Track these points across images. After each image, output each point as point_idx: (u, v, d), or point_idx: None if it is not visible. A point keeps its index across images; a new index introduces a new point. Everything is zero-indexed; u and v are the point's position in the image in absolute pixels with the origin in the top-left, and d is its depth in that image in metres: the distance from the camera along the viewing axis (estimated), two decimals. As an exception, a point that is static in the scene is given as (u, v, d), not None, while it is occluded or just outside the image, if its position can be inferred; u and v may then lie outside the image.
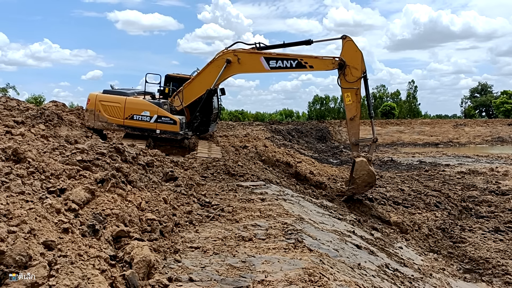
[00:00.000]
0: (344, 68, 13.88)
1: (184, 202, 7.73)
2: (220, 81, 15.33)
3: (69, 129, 14.32)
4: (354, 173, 13.70)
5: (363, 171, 13.49)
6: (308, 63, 14.39)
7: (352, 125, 14.27)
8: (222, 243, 5.75)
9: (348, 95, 14.04)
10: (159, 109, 14.77)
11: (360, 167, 13.52)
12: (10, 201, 4.40)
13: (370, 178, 13.49)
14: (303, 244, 5.77)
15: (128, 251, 4.57)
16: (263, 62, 14.59)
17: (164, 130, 14.73)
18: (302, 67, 14.56)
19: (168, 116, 14.68)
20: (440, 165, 24.82)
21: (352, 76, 13.93)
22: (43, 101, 51.41)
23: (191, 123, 15.75)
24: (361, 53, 14.00)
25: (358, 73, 13.91)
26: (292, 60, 14.44)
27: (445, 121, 56.29)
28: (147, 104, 14.98)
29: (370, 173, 13.50)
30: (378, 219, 12.06)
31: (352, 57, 13.89)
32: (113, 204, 5.58)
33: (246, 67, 15.14)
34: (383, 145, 42.59)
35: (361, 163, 13.61)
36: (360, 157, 13.87)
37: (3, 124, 11.75)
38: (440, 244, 11.09)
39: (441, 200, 14.98)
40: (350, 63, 13.87)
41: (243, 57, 14.89)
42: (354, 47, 13.91)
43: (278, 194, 9.81)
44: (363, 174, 13.47)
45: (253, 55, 14.85)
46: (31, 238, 3.92)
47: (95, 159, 6.95)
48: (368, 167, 13.53)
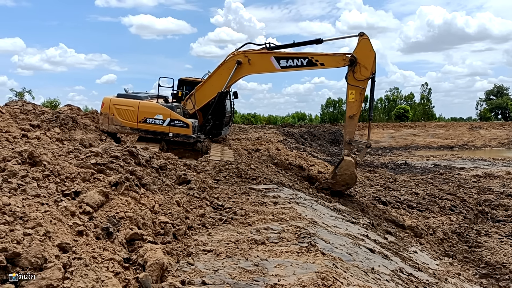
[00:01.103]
0: (354, 65, 13.76)
1: (197, 205, 7.75)
2: (231, 82, 15.32)
3: (84, 132, 14.49)
4: (338, 169, 14.07)
5: (347, 171, 13.86)
6: (319, 60, 14.32)
7: (350, 123, 14.27)
8: (234, 246, 5.75)
9: (352, 93, 13.96)
10: (172, 112, 14.88)
11: (345, 166, 13.88)
12: (26, 204, 4.47)
13: (351, 180, 13.95)
14: (316, 247, 5.74)
15: (141, 254, 4.60)
16: (274, 62, 14.58)
17: (177, 133, 14.83)
18: (313, 65, 14.46)
19: (181, 119, 14.79)
20: (455, 169, 24.52)
21: (361, 74, 13.79)
22: (58, 105, 52.10)
23: (204, 126, 15.79)
24: (375, 54, 13.90)
25: (367, 73, 13.77)
26: (303, 59, 14.37)
27: (460, 124, 55.62)
28: (160, 107, 15.11)
29: (353, 175, 13.89)
30: (392, 223, 11.94)
31: (365, 56, 13.77)
32: (126, 207, 5.63)
33: (256, 67, 15.11)
34: (397, 148, 42.23)
35: (348, 162, 13.92)
36: (350, 156, 14.08)
37: (20, 128, 11.94)
38: (455, 249, 10.93)
39: (456, 203, 14.79)
40: (361, 61, 13.74)
41: (253, 58, 14.88)
42: (369, 46, 13.79)
43: (291, 198, 9.77)
44: (345, 174, 13.89)
45: (263, 55, 14.82)
46: (47, 240, 3.97)
47: (109, 162, 7.01)
48: (353, 169, 13.86)
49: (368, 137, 15.13)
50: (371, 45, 13.84)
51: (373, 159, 32.03)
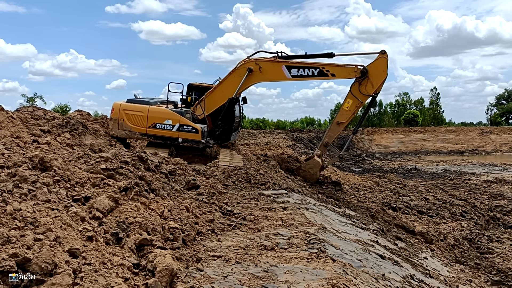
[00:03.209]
0: (364, 78, 13.84)
1: (206, 210, 7.74)
2: (242, 89, 15.39)
3: (94, 137, 14.59)
4: (304, 165, 14.97)
5: (311, 170, 14.71)
6: (330, 71, 14.39)
7: (334, 128, 14.62)
8: (244, 252, 5.72)
9: (349, 102, 14.15)
10: (181, 117, 14.95)
11: (311, 165, 14.73)
12: (37, 209, 4.49)
13: (310, 179, 14.77)
14: (326, 253, 5.70)
15: (151, 260, 4.59)
16: (285, 71, 14.67)
17: (186, 139, 14.87)
18: (324, 75, 14.60)
19: (190, 124, 14.83)
20: (466, 174, 24.28)
21: (365, 89, 13.91)
22: (68, 110, 52.59)
23: (213, 132, 15.82)
24: (386, 76, 13.95)
25: (371, 90, 13.88)
26: (314, 69, 14.47)
27: (470, 129, 55.09)
28: (169, 113, 15.16)
29: (314, 176, 14.76)
30: (402, 229, 11.83)
31: (377, 74, 13.83)
32: (136, 212, 5.64)
33: (267, 75, 15.21)
34: (406, 153, 41.94)
35: (315, 163, 14.66)
36: (320, 158, 14.69)
37: (31, 133, 12.05)
38: (466, 255, 10.80)
39: (467, 209, 14.63)
40: (371, 77, 13.82)
41: (264, 66, 14.96)
42: (384, 66, 13.85)
43: (300, 203, 9.73)
44: (308, 172, 14.77)
45: (275, 63, 14.91)
46: (57, 245, 3.98)
47: (118, 168, 7.04)
48: (316, 170, 14.67)
49: (344, 148, 15.73)
50: (387, 66, 13.83)
51: (383, 164, 31.83)
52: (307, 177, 14.70)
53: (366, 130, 54.50)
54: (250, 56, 15.53)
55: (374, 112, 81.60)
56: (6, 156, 6.09)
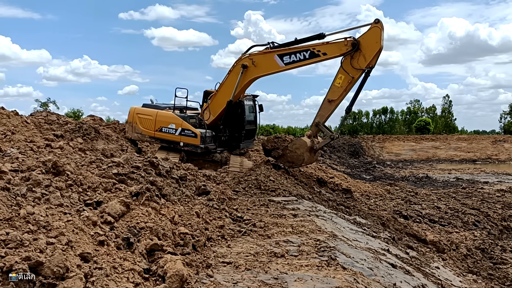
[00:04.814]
0: (355, 50, 12.83)
1: (216, 216, 7.75)
2: (239, 88, 14.97)
3: (106, 142, 14.73)
4: (290, 145, 13.70)
5: (298, 151, 13.47)
6: (321, 50, 13.57)
7: (326, 107, 13.56)
8: (254, 258, 5.71)
9: (341, 77, 13.14)
10: (183, 122, 15.34)
11: (298, 145, 13.54)
12: (50, 213, 4.53)
13: (297, 160, 13.60)
14: (336, 261, 5.66)
15: (161, 265, 4.60)
16: (277, 60, 14.13)
17: (187, 143, 15.24)
18: (316, 57, 13.70)
19: (191, 129, 15.13)
20: (478, 183, 23.99)
21: (357, 63, 12.86)
22: (81, 115, 53.11)
23: (217, 137, 15.73)
24: (380, 47, 12.74)
25: (364, 63, 12.80)
26: (305, 51, 13.76)
27: (483, 137, 54.51)
28: (173, 117, 15.64)
29: (300, 157, 13.48)
30: (413, 238, 11.70)
31: (369, 45, 12.76)
32: (147, 217, 5.66)
33: (262, 68, 14.67)
34: (418, 161, 41.61)
35: (302, 143, 13.53)
36: (310, 138, 13.53)
37: (44, 138, 12.19)
38: (479, 265, 10.64)
39: (480, 219, 14.43)
40: (363, 49, 12.80)
41: (257, 59, 14.57)
42: (378, 36, 12.66)
43: (311, 210, 9.69)
44: (295, 152, 13.56)
45: (267, 54, 14.44)
46: (69, 249, 4.01)
47: (130, 173, 7.09)
48: (303, 151, 13.41)
49: (337, 130, 14.34)
50: (381, 36, 12.60)
51: (394, 172, 31.60)
52: (294, 159, 13.60)
53: (377, 137, 54.27)
54: (244, 53, 15.16)
55: (385, 119, 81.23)
56: (20, 160, 6.17)
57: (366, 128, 78.08)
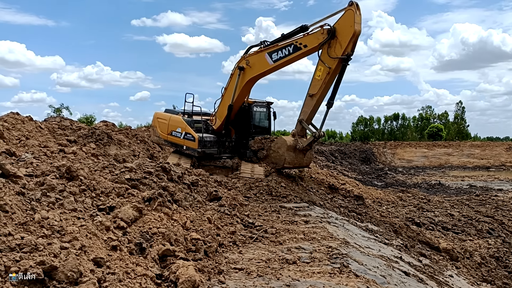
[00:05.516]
0: (332, 38, 11.94)
1: (228, 222, 7.75)
2: (238, 91, 14.79)
3: (118, 148, 14.83)
4: (273, 145, 13.31)
5: (279, 151, 12.98)
6: (302, 43, 12.95)
7: (308, 102, 12.79)
8: (266, 265, 5.69)
9: (320, 69, 12.32)
10: (186, 126, 15.57)
11: (278, 144, 13.08)
12: (64, 218, 4.57)
13: (278, 160, 13.05)
14: (349, 269, 5.61)
15: (173, 271, 4.61)
16: (267, 58, 13.89)
17: (188, 146, 15.47)
18: (298, 50, 13.12)
19: (191, 133, 15.33)
20: (492, 190, 23.67)
21: (334, 51, 11.91)
22: (94, 121, 53.53)
23: (222, 142, 15.70)
24: (356, 32, 11.59)
25: (340, 51, 11.80)
26: (289, 46, 13.31)
27: (496, 144, 53.86)
28: (180, 121, 15.96)
29: (281, 157, 12.87)
30: (426, 245, 11.57)
31: (344, 31, 11.73)
32: (159, 223, 5.67)
33: (255, 68, 14.41)
34: (430, 168, 41.21)
35: (282, 142, 13.04)
36: (295, 137, 12.87)
37: (57, 143, 12.32)
38: (494, 274, 10.48)
39: (494, 226, 14.22)
40: (339, 35, 11.84)
41: (251, 60, 14.44)
42: (351, 20, 11.59)
43: (322, 217, 9.64)
44: (276, 152, 13.13)
45: (259, 54, 14.28)
46: (82, 254, 4.03)
47: (142, 178, 7.12)
48: (283, 151, 12.79)
49: (320, 126, 12.75)
50: (355, 19, 11.48)
51: (406, 178, 31.32)
52: (276, 159, 13.03)
53: (389, 143, 53.91)
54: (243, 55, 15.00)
55: (397, 126, 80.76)
56: (35, 165, 6.23)
57: (377, 134, 77.70)
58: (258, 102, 16.37)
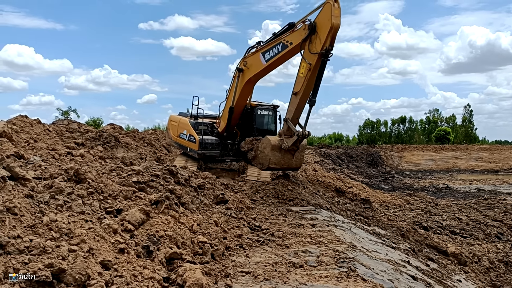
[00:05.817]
0: (312, 33, 11.73)
1: (235, 225, 7.74)
2: (238, 93, 14.75)
3: (125, 151, 14.89)
4: (259, 145, 13.09)
5: (264, 151, 12.74)
6: (289, 40, 12.84)
7: (293, 101, 12.49)
8: (272, 268, 5.68)
9: (303, 66, 12.07)
10: (190, 128, 15.88)
11: (264, 145, 12.82)
12: (72, 221, 4.59)
13: (264, 161, 12.78)
14: (356, 273, 5.59)
15: (180, 274, 4.61)
16: (261, 58, 13.82)
17: (191, 148, 15.74)
18: (285, 48, 12.99)
19: (193, 135, 15.57)
20: (501, 194, 23.47)
21: (314, 47, 11.68)
22: (101, 124, 53.78)
23: (224, 145, 15.68)
24: (333, 26, 11.23)
25: (319, 46, 11.51)
26: (278, 45, 13.22)
27: (505, 147, 53.40)
28: (186, 123, 16.31)
29: (266, 157, 12.60)
30: (434, 249, 11.49)
31: (323, 26, 11.47)
32: (166, 225, 5.69)
33: (252, 69, 14.33)
34: (438, 171, 40.96)
35: (266, 142, 12.74)
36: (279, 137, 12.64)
37: (65, 146, 12.39)
38: (503, 279, 10.38)
39: (503, 231, 14.10)
40: (319, 30, 11.60)
41: (249, 61, 14.44)
42: (328, 14, 11.30)
43: (329, 220, 9.62)
44: (261, 153, 12.88)
45: (255, 54, 14.24)
46: (90, 257, 4.05)
47: (149, 181, 7.15)
48: (268, 150, 12.51)
49: (304, 125, 12.38)
50: (332, 12, 11.16)
51: (413, 182, 31.16)
52: (262, 159, 12.85)
53: (396, 147, 53.68)
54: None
55: (404, 129, 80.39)
56: (43, 168, 6.27)
57: (384, 137, 77.34)
58: (262, 105, 16.36)
